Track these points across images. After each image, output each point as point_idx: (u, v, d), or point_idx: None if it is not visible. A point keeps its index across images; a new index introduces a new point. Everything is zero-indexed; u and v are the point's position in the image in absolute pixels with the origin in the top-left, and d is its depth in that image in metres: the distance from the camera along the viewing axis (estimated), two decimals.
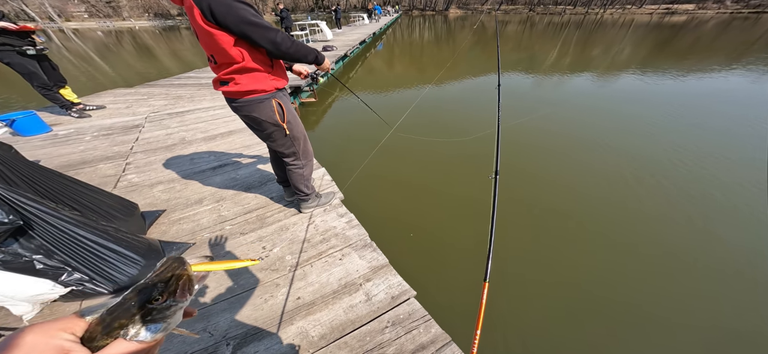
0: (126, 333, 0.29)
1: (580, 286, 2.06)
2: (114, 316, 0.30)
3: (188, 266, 0.35)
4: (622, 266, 2.22)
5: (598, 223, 2.64)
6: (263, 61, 1.30)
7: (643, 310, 1.91)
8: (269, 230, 1.85)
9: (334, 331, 1.28)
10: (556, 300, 1.98)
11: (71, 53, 14.20)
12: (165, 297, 0.32)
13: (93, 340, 0.28)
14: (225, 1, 1.09)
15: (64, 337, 0.27)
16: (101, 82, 8.06)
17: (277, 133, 1.52)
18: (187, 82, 5.89)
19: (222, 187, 2.29)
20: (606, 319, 1.87)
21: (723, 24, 24.93)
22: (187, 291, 0.34)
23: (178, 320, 0.34)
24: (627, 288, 2.06)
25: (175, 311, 0.33)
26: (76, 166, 2.64)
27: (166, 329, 0.32)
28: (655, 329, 1.82)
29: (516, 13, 45.80)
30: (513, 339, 1.76)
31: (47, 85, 3.48)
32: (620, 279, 2.12)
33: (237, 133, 3.26)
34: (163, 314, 0.32)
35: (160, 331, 0.32)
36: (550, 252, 2.33)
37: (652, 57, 10.98)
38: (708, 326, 1.83)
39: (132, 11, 40.66)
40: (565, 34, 18.85)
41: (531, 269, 2.18)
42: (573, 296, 2.00)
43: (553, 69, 9.14)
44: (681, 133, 4.44)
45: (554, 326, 1.83)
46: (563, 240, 2.45)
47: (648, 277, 2.14)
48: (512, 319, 1.85)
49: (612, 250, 2.36)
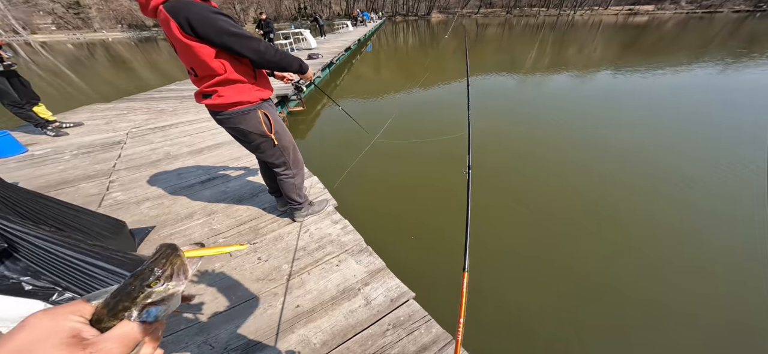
0: (130, 315, 0.31)
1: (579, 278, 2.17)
2: (118, 300, 0.32)
3: (181, 252, 0.37)
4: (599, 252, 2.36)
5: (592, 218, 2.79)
6: (246, 73, 1.31)
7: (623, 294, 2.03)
8: (264, 241, 1.84)
9: (335, 337, 1.29)
10: (545, 286, 2.07)
11: (41, 68, 13.50)
12: (163, 281, 0.34)
13: (101, 322, 0.30)
14: (203, 13, 1.09)
15: (74, 319, 0.29)
16: (76, 97, 7.72)
17: (265, 144, 1.53)
18: (169, 95, 5.74)
19: (212, 200, 2.26)
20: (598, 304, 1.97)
21: (681, 24, 26.74)
22: (183, 274, 0.36)
23: (177, 303, 0.36)
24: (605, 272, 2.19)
25: (173, 294, 0.35)
26: (56, 187, 2.53)
27: (167, 311, 0.35)
28: (634, 311, 1.93)
29: (494, 15, 47.37)
30: (500, 324, 1.83)
31: (19, 103, 3.32)
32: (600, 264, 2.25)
33: (224, 146, 3.22)
34: (162, 297, 0.34)
35: (162, 313, 0.34)
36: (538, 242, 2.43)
37: (624, 56, 11.64)
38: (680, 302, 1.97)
39: (103, 22, 39.07)
40: (542, 35, 19.67)
41: (522, 259, 2.28)
42: (566, 283, 2.10)
43: (533, 69, 9.52)
44: (651, 126, 4.73)
45: (546, 311, 1.92)
46: (550, 231, 2.56)
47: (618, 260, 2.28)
48: (502, 306, 1.92)
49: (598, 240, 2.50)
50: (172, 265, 0.36)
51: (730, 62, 9.65)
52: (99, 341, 0.28)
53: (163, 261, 0.35)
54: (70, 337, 0.27)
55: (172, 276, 0.35)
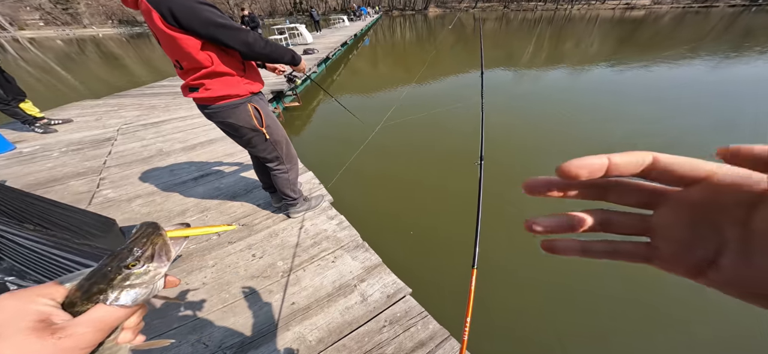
0: (105, 298, 0.28)
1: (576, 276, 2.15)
2: (92, 282, 0.29)
3: (163, 231, 0.34)
4: None
5: None
6: (234, 65, 1.26)
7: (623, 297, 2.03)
8: (258, 237, 1.81)
9: (331, 334, 1.28)
10: (548, 286, 2.06)
11: (30, 64, 13.20)
12: (142, 262, 0.31)
13: (74, 306, 0.28)
14: (187, 3, 1.04)
15: (43, 303, 0.26)
16: (65, 94, 7.55)
17: (256, 139, 1.49)
18: (160, 91, 5.64)
19: (205, 197, 2.22)
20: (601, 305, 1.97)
21: (678, 18, 26.83)
22: (164, 256, 0.33)
23: (159, 287, 0.33)
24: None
25: (154, 277, 0.32)
26: (44, 185, 2.47)
27: (148, 295, 0.32)
28: (638, 314, 1.93)
29: (492, 10, 47.15)
30: (504, 324, 1.82)
31: (4, 100, 3.23)
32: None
33: (218, 142, 3.16)
34: (142, 279, 0.31)
35: (141, 297, 0.31)
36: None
37: (621, 50, 11.65)
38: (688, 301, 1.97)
39: (93, 18, 38.27)
40: (539, 30, 19.62)
41: (526, 258, 2.27)
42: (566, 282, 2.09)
43: (532, 64, 9.49)
44: (651, 121, 4.74)
45: (547, 311, 1.91)
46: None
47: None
48: (505, 305, 1.92)
49: None
50: (153, 245, 0.32)
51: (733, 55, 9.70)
52: (69, 326, 0.26)
53: (144, 240, 0.32)
54: (38, 321, 0.25)
55: (153, 257, 0.32)
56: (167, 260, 0.33)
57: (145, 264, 0.31)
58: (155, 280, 0.32)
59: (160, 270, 0.33)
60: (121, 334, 0.32)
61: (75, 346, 0.25)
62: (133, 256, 0.31)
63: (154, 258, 0.32)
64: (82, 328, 0.26)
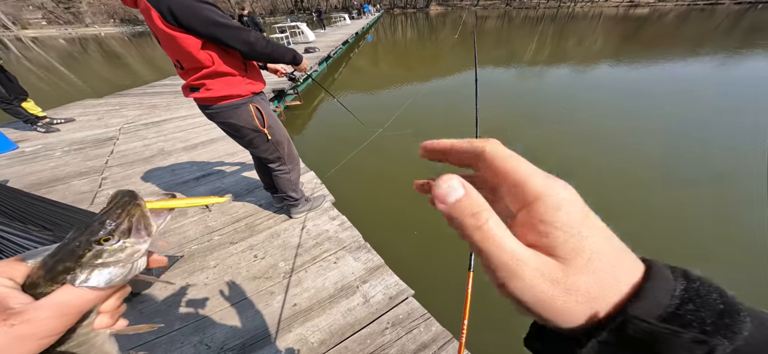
0: (74, 278, 0.24)
1: None
2: (58, 259, 0.25)
3: (142, 201, 0.29)
4: None
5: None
6: (235, 65, 1.25)
7: None
8: (260, 238, 1.80)
9: (333, 336, 1.27)
10: None
11: (33, 63, 13.27)
12: (118, 237, 0.26)
13: (36, 288, 0.24)
14: (186, 1, 1.02)
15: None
16: (68, 93, 7.58)
17: (258, 139, 1.48)
18: (162, 90, 5.64)
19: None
20: None
21: (682, 16, 26.57)
22: (144, 229, 0.28)
23: (139, 267, 0.29)
24: None
25: (133, 255, 0.27)
26: (47, 184, 2.48)
27: (125, 276, 0.27)
28: None
29: (494, 7, 46.91)
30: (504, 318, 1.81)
31: (6, 99, 3.24)
32: None
33: (219, 141, 3.16)
34: (117, 257, 0.26)
35: (117, 277, 0.27)
36: None
37: (626, 47, 11.56)
38: None
39: (95, 17, 38.40)
40: (542, 27, 19.49)
41: None
42: None
43: (534, 62, 9.43)
44: (652, 117, 4.70)
45: None
46: None
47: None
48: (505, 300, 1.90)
49: None
50: (129, 216, 0.27)
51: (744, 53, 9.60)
52: (27, 311, 0.22)
53: (119, 211, 0.27)
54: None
55: (130, 231, 0.27)
56: (147, 235, 0.29)
57: (120, 239, 0.27)
58: (134, 258, 0.28)
59: (138, 247, 0.28)
60: (98, 319, 0.28)
61: (32, 334, 0.22)
62: (106, 229, 0.26)
63: (132, 232, 0.27)
64: (42, 312, 0.22)
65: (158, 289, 1.50)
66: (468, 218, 0.16)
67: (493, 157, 0.18)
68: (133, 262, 0.28)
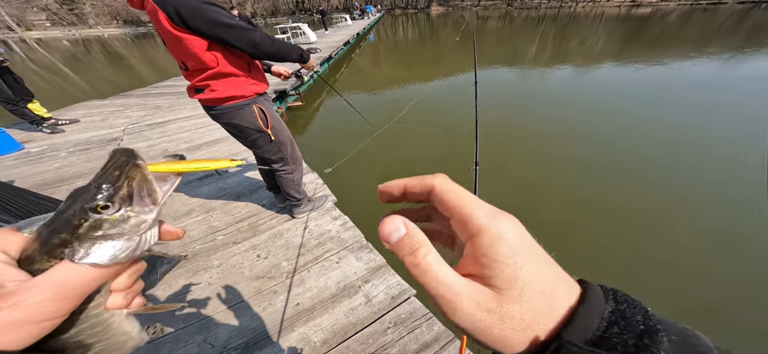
0: (72, 252, 0.21)
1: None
2: (53, 230, 0.21)
3: (142, 162, 0.25)
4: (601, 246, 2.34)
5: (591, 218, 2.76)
6: (240, 65, 1.26)
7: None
8: (263, 238, 1.82)
9: (336, 335, 1.28)
10: None
11: (37, 65, 13.38)
12: (117, 204, 0.22)
13: (32, 263, 0.21)
14: (192, 3, 1.04)
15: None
16: (72, 94, 7.64)
17: (262, 140, 1.49)
18: (165, 90, 5.68)
19: (210, 197, 2.23)
20: None
21: (685, 15, 26.42)
22: (148, 196, 0.24)
23: (149, 240, 0.24)
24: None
25: (138, 226, 0.23)
26: (52, 185, 2.50)
27: (132, 251, 0.23)
28: None
29: (495, 7, 46.84)
30: None
31: (12, 100, 3.27)
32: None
33: (222, 142, 3.18)
34: (120, 229, 0.22)
35: (123, 253, 0.23)
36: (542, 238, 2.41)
37: (629, 48, 11.51)
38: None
39: (98, 18, 38.68)
40: (543, 28, 19.45)
41: None
42: None
43: (536, 62, 9.42)
44: (656, 118, 4.68)
45: None
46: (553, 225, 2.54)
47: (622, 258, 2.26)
48: None
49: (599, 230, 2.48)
50: (129, 179, 0.23)
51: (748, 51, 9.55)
52: (20, 291, 0.19)
53: (116, 173, 0.23)
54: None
55: (130, 197, 0.23)
56: (152, 203, 0.24)
57: (120, 207, 0.23)
58: (141, 230, 0.24)
59: (144, 217, 0.24)
60: (111, 299, 0.25)
61: (27, 319, 0.19)
62: (103, 194, 0.22)
63: (133, 199, 0.23)
64: (37, 295, 0.19)
65: (161, 289, 1.52)
66: (408, 256, 0.18)
67: (441, 193, 0.19)
68: (140, 234, 0.24)
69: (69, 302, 0.21)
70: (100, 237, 0.22)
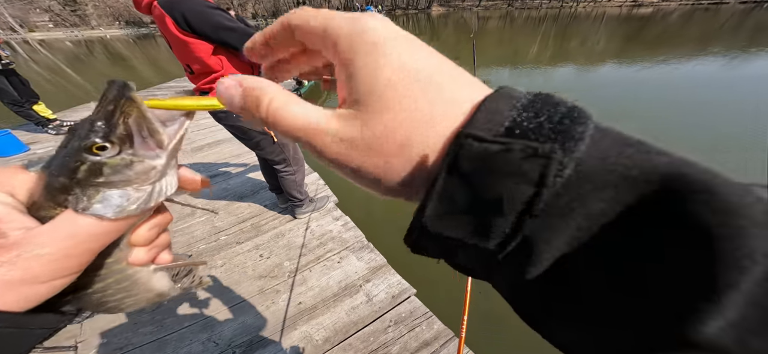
0: (75, 201, 0.17)
1: None
2: (52, 172, 0.18)
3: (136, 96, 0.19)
4: None
5: None
6: (243, 68, 1.30)
7: None
8: (265, 238, 1.85)
9: (337, 333, 1.30)
10: None
11: (41, 66, 13.49)
12: (117, 144, 0.18)
13: (39, 209, 0.18)
14: (198, 8, 1.08)
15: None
16: (76, 95, 7.70)
17: (264, 141, 1.52)
18: (167, 92, 5.72)
19: (213, 198, 2.26)
20: None
21: (686, 15, 26.36)
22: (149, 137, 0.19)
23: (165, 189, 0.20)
24: None
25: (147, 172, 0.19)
26: None
27: (145, 203, 0.19)
28: None
29: (495, 7, 46.85)
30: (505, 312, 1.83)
31: (18, 102, 3.32)
32: None
33: (225, 143, 3.21)
34: (125, 175, 0.19)
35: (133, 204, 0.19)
36: None
37: (630, 48, 11.51)
38: None
39: (101, 19, 38.90)
40: (544, 28, 19.46)
41: None
42: None
43: (537, 62, 9.43)
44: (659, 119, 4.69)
45: None
46: None
47: None
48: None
49: None
50: (124, 115, 0.19)
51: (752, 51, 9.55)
52: (23, 243, 0.16)
53: (110, 108, 0.19)
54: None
55: (130, 137, 0.19)
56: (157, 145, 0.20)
57: (120, 149, 0.19)
58: (151, 177, 0.19)
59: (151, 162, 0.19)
60: (133, 253, 0.21)
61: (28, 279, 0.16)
62: (96, 132, 0.18)
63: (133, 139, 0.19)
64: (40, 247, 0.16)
65: None
66: (256, 114, 0.14)
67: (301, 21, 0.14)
68: (151, 182, 0.20)
69: (78, 261, 0.17)
70: (103, 183, 0.18)
